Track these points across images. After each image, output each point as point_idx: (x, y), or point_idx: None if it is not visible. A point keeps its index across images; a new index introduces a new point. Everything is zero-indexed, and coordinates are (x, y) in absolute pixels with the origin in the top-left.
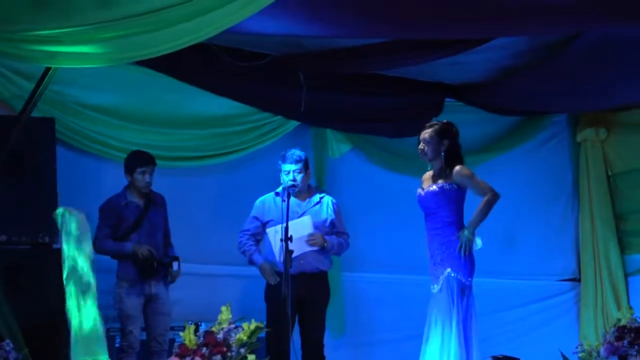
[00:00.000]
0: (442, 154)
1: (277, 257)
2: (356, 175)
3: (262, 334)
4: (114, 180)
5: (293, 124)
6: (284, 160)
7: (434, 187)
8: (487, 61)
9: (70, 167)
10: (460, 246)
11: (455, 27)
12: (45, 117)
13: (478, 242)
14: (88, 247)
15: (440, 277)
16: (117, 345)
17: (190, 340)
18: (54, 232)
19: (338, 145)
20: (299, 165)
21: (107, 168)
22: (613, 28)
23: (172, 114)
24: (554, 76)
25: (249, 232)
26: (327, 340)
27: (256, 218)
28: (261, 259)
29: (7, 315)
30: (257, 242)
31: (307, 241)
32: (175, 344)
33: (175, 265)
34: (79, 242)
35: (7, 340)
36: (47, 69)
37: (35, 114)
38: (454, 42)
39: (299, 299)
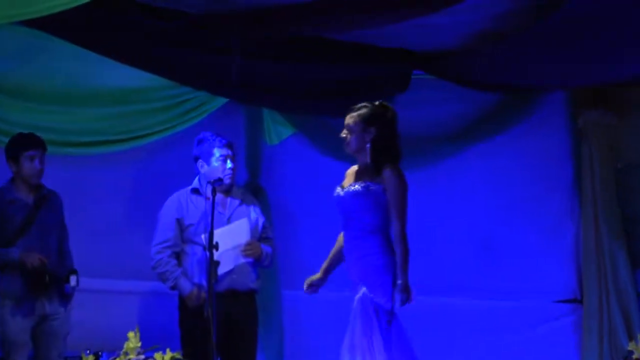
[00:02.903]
0: (368, 145)
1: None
2: (298, 166)
3: None
4: None
5: (220, 101)
6: (215, 143)
7: (357, 186)
8: (462, 24)
9: None
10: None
11: None
12: None
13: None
14: None
15: (355, 298)
16: None
17: None
18: None
19: (277, 129)
20: (232, 150)
21: None
22: None
23: (67, 87)
24: (545, 42)
25: (168, 245)
26: None
27: (177, 222)
28: (190, 286)
29: None
30: (178, 257)
31: (244, 251)
32: None
33: (72, 279)
34: None
35: None
36: None
37: None
38: None
39: (225, 323)
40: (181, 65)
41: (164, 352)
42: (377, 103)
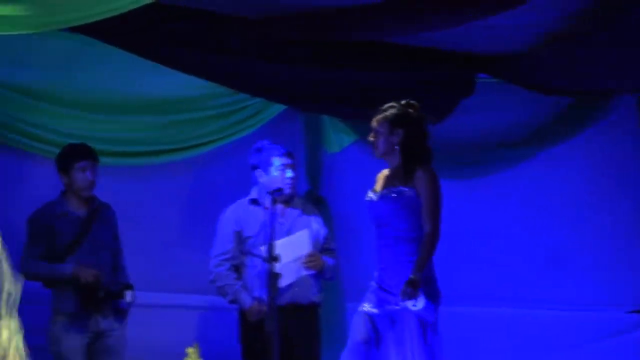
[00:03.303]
0: (396, 148)
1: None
2: (361, 175)
3: None
4: (44, 183)
5: (278, 108)
6: (273, 151)
7: (389, 191)
8: (529, 25)
9: None
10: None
11: None
12: None
13: (419, 303)
14: (8, 270)
15: (391, 307)
16: None
17: None
18: None
19: (338, 137)
20: (291, 159)
21: (35, 167)
22: None
23: (118, 95)
24: (618, 45)
25: (227, 258)
26: None
27: (236, 234)
28: (250, 300)
29: None
30: (237, 270)
31: (305, 263)
32: None
33: (127, 294)
34: None
35: None
36: None
37: None
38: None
39: (287, 337)
40: (237, 72)
41: None
42: (403, 102)
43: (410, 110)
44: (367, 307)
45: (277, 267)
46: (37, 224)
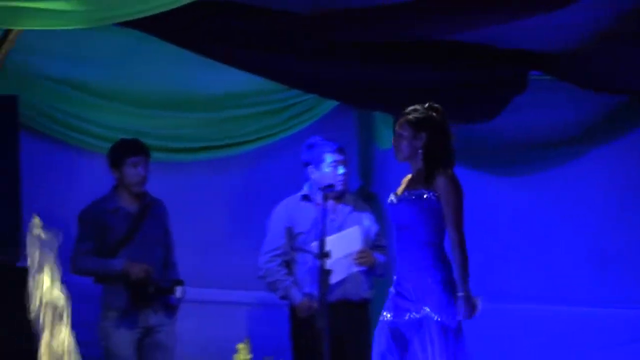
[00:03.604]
0: (420, 151)
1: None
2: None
3: None
4: (95, 178)
5: (330, 104)
6: (325, 148)
7: (411, 194)
8: (583, 24)
9: (38, 161)
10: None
11: None
12: (5, 95)
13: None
14: (56, 267)
15: (412, 314)
16: None
17: None
18: (16, 246)
19: (390, 133)
20: (343, 156)
21: (87, 162)
22: None
23: (170, 91)
24: None
25: (278, 254)
26: None
27: (287, 230)
28: (301, 296)
29: None
30: (288, 266)
31: (356, 259)
32: None
33: (178, 290)
34: (46, 259)
35: None
36: (7, 32)
37: None
38: None
39: (338, 334)
40: (289, 68)
41: None
42: (426, 105)
43: (434, 113)
44: (387, 316)
45: (328, 263)
46: (88, 219)
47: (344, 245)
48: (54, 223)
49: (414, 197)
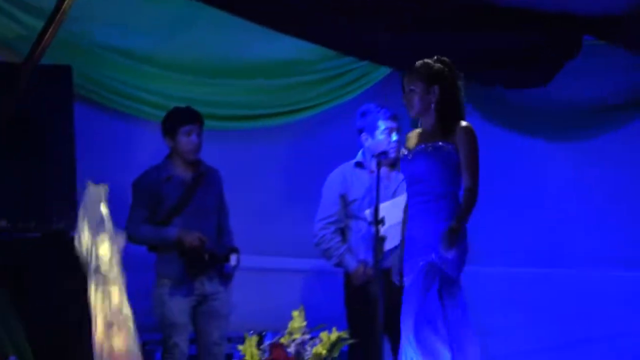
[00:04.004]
0: (432, 105)
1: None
2: None
3: (345, 347)
4: (149, 147)
5: (384, 71)
6: (379, 115)
7: (427, 146)
8: None
9: (93, 129)
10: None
11: None
12: (59, 65)
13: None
14: (112, 235)
15: (421, 264)
16: None
17: (252, 356)
18: (72, 215)
19: None
20: (397, 123)
21: (141, 131)
22: None
23: (224, 59)
24: None
25: (332, 221)
26: None
27: (341, 197)
28: (355, 263)
29: (12, 326)
30: (342, 233)
31: None
32: None
33: (232, 258)
34: (102, 227)
35: (13, 358)
36: (61, 2)
37: (46, 60)
38: None
39: (392, 301)
40: (342, 34)
41: (330, 332)
42: (435, 59)
43: (444, 67)
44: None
45: (382, 230)
46: (143, 188)
47: (397, 212)
48: (108, 192)
49: (431, 149)
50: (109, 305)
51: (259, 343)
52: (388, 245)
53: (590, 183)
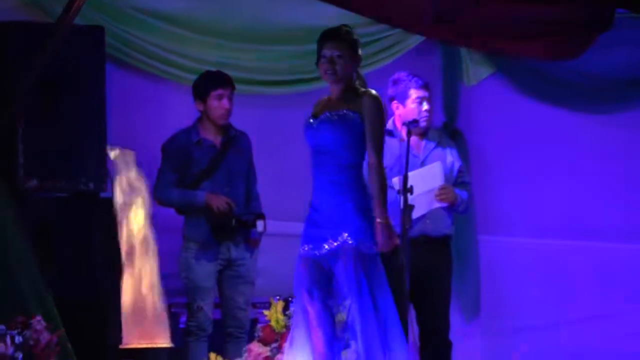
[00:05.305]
0: (354, 72)
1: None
2: (498, 109)
3: None
4: (180, 110)
5: (416, 39)
6: (411, 84)
7: (333, 115)
8: None
9: (124, 91)
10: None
11: None
12: (91, 26)
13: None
14: (144, 197)
15: (330, 243)
16: (181, 326)
17: (277, 321)
18: (101, 176)
19: (476, 69)
20: (428, 92)
21: (172, 94)
22: None
23: (255, 24)
24: None
25: None
26: (456, 324)
27: None
28: None
29: (39, 286)
30: None
31: (438, 195)
32: (258, 325)
33: (259, 224)
34: (132, 189)
35: (39, 318)
36: None
37: (79, 21)
38: None
39: (418, 270)
40: (376, 2)
41: None
42: (348, 26)
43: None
44: (306, 248)
45: (410, 199)
46: (172, 151)
47: (426, 180)
48: (138, 154)
49: (336, 118)
50: (139, 266)
51: (285, 308)
52: (416, 214)
53: (621, 156)
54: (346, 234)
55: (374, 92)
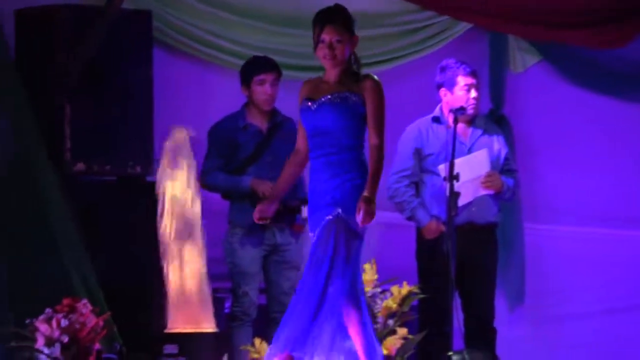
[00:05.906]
0: (352, 55)
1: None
2: (544, 96)
3: (415, 302)
4: (227, 95)
5: (463, 27)
6: (459, 71)
7: (333, 96)
8: None
9: (171, 76)
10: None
11: None
12: (138, 10)
13: None
14: (193, 180)
15: (325, 218)
16: (226, 311)
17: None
18: (148, 160)
19: (522, 56)
20: (476, 79)
21: (219, 78)
22: None
23: (300, 9)
24: None
25: (406, 175)
26: (501, 311)
27: (416, 151)
28: (427, 218)
29: (85, 269)
30: (416, 188)
31: (484, 183)
32: None
33: (304, 210)
34: (181, 173)
35: (85, 301)
36: None
37: (126, 5)
38: None
39: (463, 258)
40: None
41: (401, 286)
42: (341, 6)
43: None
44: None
45: (456, 186)
46: (218, 136)
47: (472, 168)
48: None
49: (338, 101)
50: (185, 251)
51: None
52: (462, 201)
53: None
54: (340, 210)
55: (375, 77)
